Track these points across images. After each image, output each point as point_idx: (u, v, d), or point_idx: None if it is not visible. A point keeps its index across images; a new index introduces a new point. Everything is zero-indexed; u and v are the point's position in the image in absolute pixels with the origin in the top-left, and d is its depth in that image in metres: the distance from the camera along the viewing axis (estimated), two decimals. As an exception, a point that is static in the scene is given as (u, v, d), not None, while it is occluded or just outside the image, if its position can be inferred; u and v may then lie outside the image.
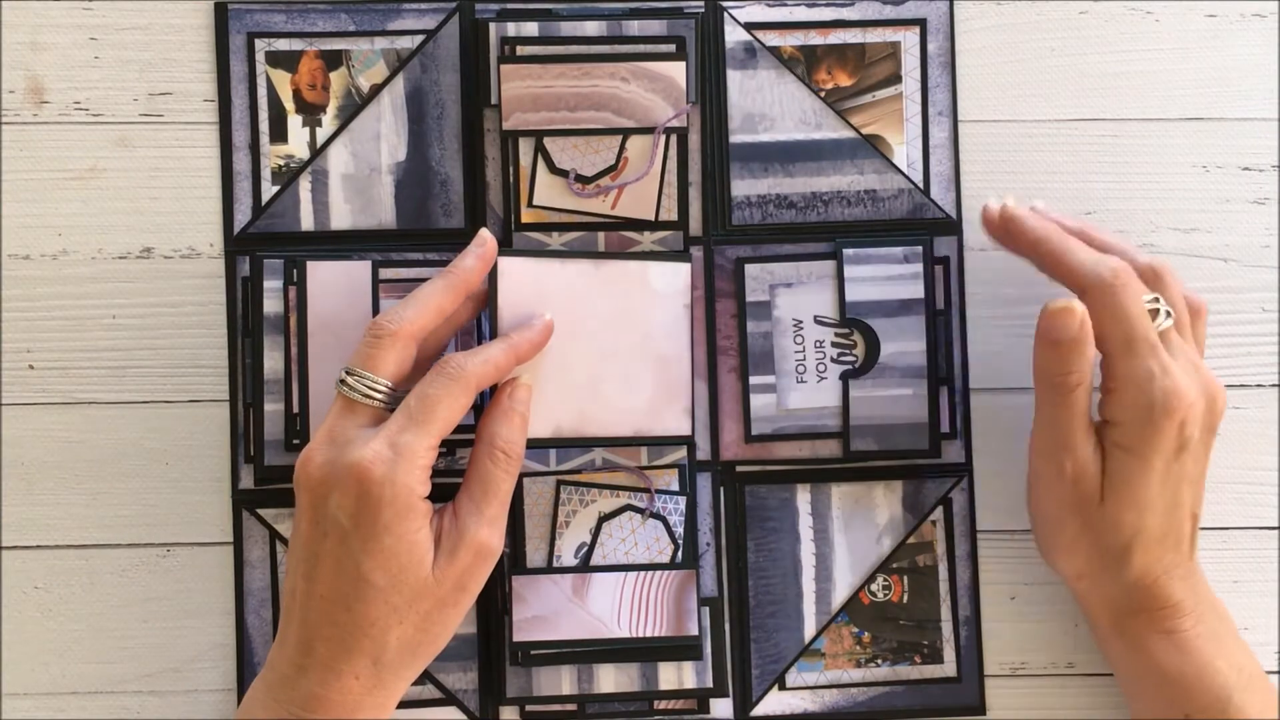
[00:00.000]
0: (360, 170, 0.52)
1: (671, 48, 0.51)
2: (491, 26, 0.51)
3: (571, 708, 0.52)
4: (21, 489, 0.52)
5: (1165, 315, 0.45)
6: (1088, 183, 0.54)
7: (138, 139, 0.52)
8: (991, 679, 0.53)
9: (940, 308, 0.52)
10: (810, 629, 0.53)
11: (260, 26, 0.52)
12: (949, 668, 0.53)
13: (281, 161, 0.52)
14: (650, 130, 0.51)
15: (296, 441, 0.51)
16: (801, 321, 0.52)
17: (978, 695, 0.53)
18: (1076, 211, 0.53)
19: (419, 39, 0.52)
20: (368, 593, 0.42)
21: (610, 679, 0.52)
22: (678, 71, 0.51)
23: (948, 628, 0.53)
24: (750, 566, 0.52)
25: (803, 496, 0.53)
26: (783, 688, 0.52)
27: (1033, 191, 0.53)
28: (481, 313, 0.52)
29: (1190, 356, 0.46)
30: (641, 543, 0.51)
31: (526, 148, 0.51)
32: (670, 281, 0.50)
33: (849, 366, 0.52)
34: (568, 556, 0.51)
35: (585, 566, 0.51)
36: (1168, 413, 0.44)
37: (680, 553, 0.51)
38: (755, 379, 0.52)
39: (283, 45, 0.52)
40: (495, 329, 0.47)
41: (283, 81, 0.52)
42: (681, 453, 0.52)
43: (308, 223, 0.52)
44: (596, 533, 0.51)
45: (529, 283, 0.48)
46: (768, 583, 0.53)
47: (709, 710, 0.52)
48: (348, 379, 0.44)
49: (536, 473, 0.51)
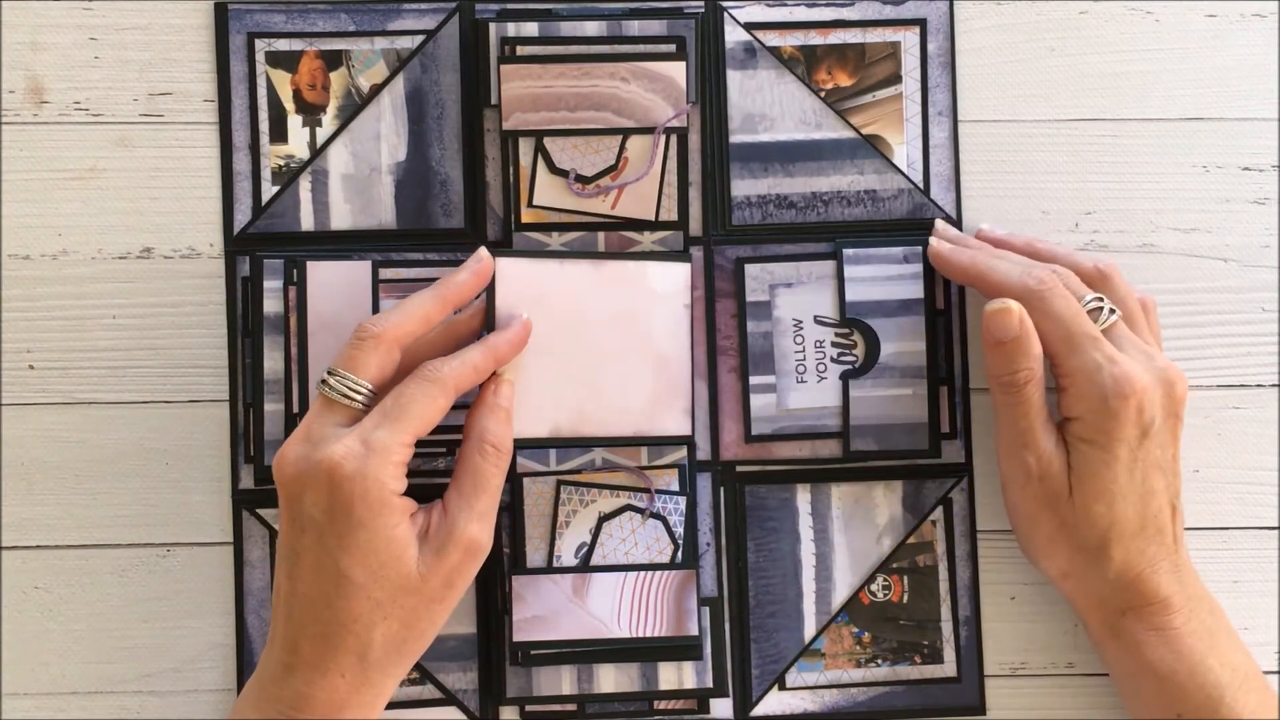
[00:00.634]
0: (360, 170, 0.52)
1: (671, 48, 0.51)
2: (491, 26, 0.51)
3: (571, 708, 0.52)
4: (21, 489, 0.52)
5: (1109, 313, 0.47)
6: (1088, 183, 0.54)
7: (138, 139, 0.52)
8: (991, 679, 0.53)
9: (940, 308, 0.53)
10: (810, 629, 0.53)
11: (260, 26, 0.52)
12: (949, 668, 0.53)
13: (281, 161, 0.52)
14: (650, 130, 0.51)
15: (296, 441, 0.51)
16: (801, 321, 0.52)
17: (978, 695, 0.53)
18: (1076, 211, 0.53)
19: (419, 39, 0.52)
20: (347, 589, 0.42)
21: (610, 679, 0.52)
22: (678, 71, 0.51)
23: (948, 628, 0.53)
24: (750, 566, 0.52)
25: (803, 496, 0.53)
26: (783, 688, 0.52)
27: (1033, 191, 0.53)
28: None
29: (1141, 347, 0.47)
30: (641, 543, 0.51)
31: (526, 148, 0.51)
32: (670, 281, 0.50)
33: (849, 366, 0.52)
34: (568, 556, 0.51)
35: (585, 566, 0.51)
36: (1121, 397, 0.45)
37: (680, 553, 0.51)
38: (755, 379, 0.52)
39: (283, 45, 0.52)
40: (492, 328, 0.47)
41: (283, 81, 0.52)
42: (681, 453, 0.52)
43: (308, 223, 0.52)
44: (596, 533, 0.51)
45: (527, 284, 0.48)
46: (768, 583, 0.53)
47: (709, 710, 0.52)
48: (329, 379, 0.44)
49: (536, 473, 0.51)
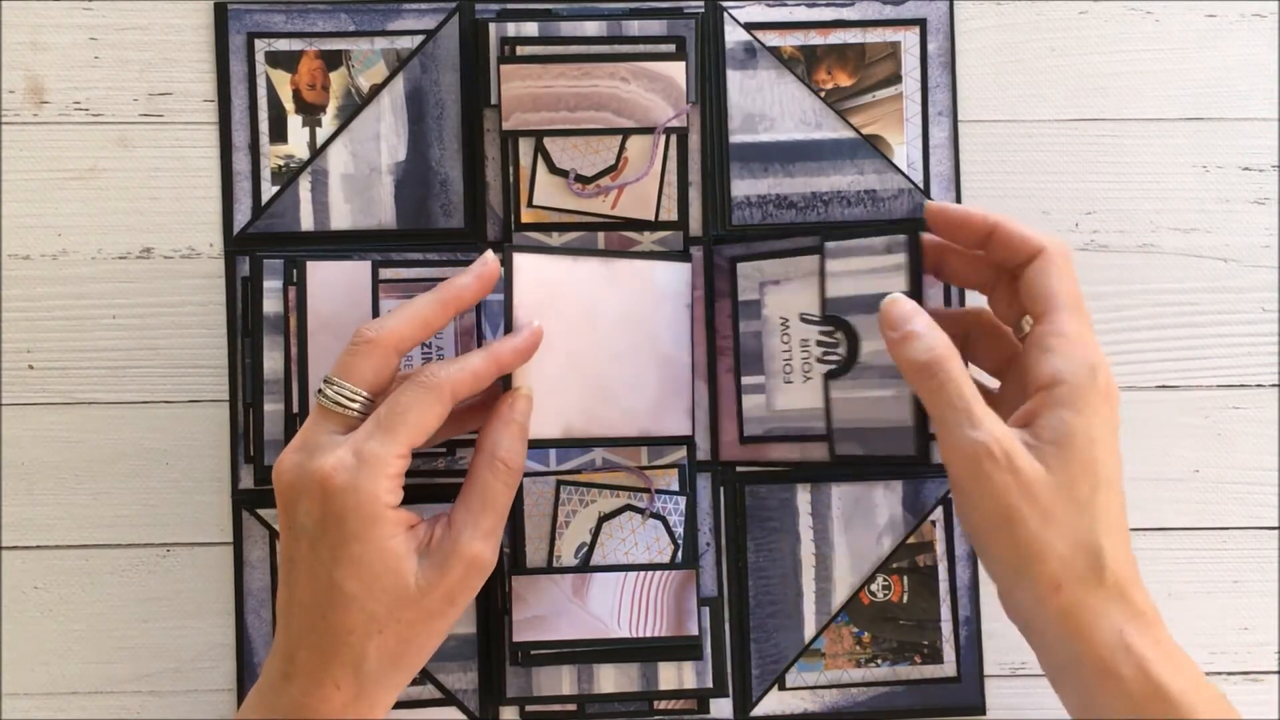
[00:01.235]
0: (360, 170, 0.52)
1: (671, 48, 0.51)
2: (491, 26, 0.51)
3: (571, 708, 0.52)
4: (21, 489, 0.52)
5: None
6: (1088, 183, 0.54)
7: (138, 139, 0.52)
8: (991, 679, 0.53)
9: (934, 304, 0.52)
10: (810, 629, 0.53)
11: (260, 26, 0.52)
12: (949, 668, 0.53)
13: (281, 161, 0.52)
14: (650, 130, 0.51)
15: (296, 441, 0.51)
16: (788, 320, 0.50)
17: (978, 695, 0.53)
18: (1076, 211, 0.53)
19: (419, 39, 0.52)
20: (341, 600, 0.41)
21: (610, 679, 0.52)
22: (678, 71, 0.51)
23: (948, 628, 0.53)
24: (750, 566, 0.52)
25: (803, 496, 0.53)
26: (783, 688, 0.52)
27: (1033, 191, 0.53)
28: (482, 314, 0.51)
29: None
30: (641, 543, 0.51)
31: (526, 148, 0.51)
32: (672, 281, 0.50)
33: (833, 366, 0.49)
34: (568, 556, 0.51)
35: (585, 566, 0.51)
36: (1105, 370, 0.42)
37: (680, 553, 0.51)
38: (747, 379, 0.52)
39: (283, 45, 0.52)
40: (510, 324, 0.46)
41: (283, 81, 0.52)
42: (681, 453, 0.52)
43: (308, 223, 0.52)
44: (596, 533, 0.51)
45: (543, 280, 0.47)
46: (768, 583, 0.52)
47: (709, 710, 0.52)
48: (324, 387, 0.43)
49: (536, 473, 0.51)
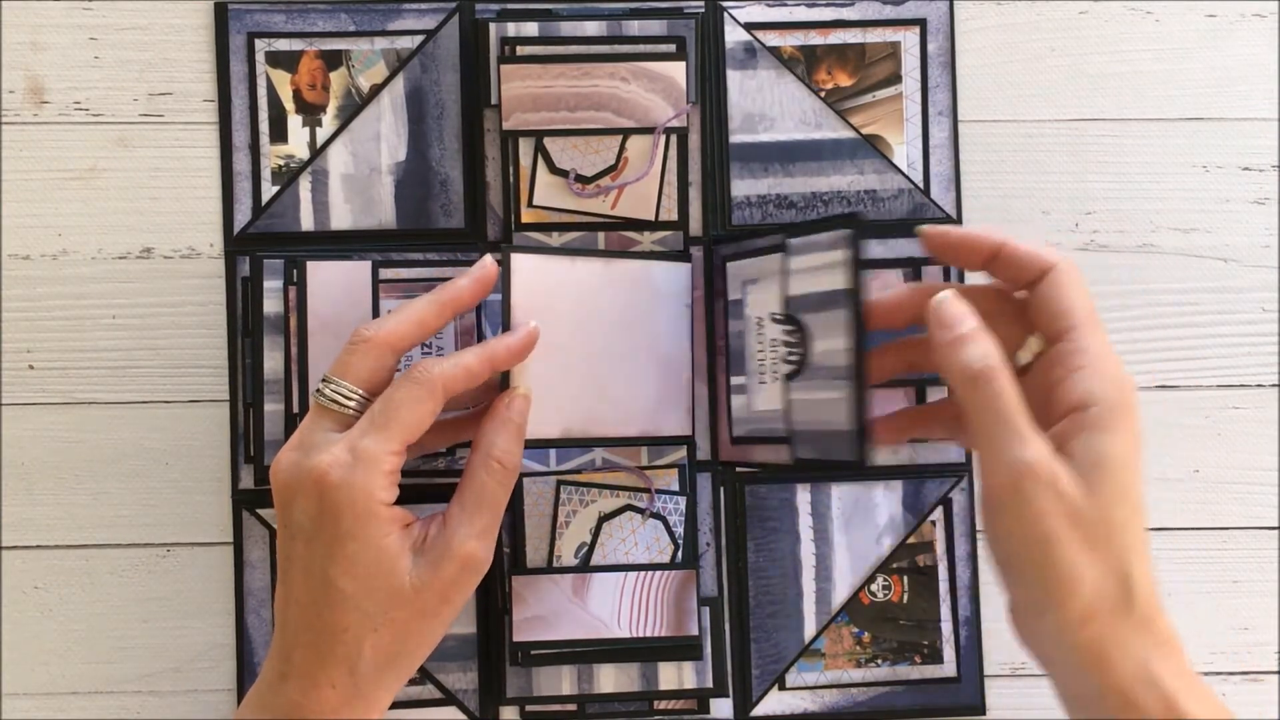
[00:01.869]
0: (360, 170, 0.52)
1: (671, 48, 0.51)
2: (491, 26, 0.51)
3: (571, 708, 0.52)
4: (21, 489, 0.52)
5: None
6: (1088, 183, 0.54)
7: (138, 139, 0.52)
8: (991, 679, 0.53)
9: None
10: (810, 629, 0.53)
11: (260, 26, 0.52)
12: (949, 668, 0.53)
13: (281, 161, 0.52)
14: (650, 130, 0.51)
15: (296, 441, 0.51)
16: (762, 320, 0.50)
17: (978, 695, 0.53)
18: (1076, 211, 0.53)
19: (419, 39, 0.52)
20: (336, 599, 0.41)
21: (610, 679, 0.52)
22: (678, 71, 0.51)
23: (948, 628, 0.53)
24: (750, 566, 0.52)
25: (802, 496, 0.53)
26: (783, 688, 0.52)
27: (1033, 191, 0.53)
28: (482, 315, 0.51)
29: None
30: (641, 543, 0.51)
31: (526, 148, 0.51)
32: (673, 281, 0.50)
33: (792, 367, 0.47)
34: (568, 556, 0.51)
35: (585, 566, 0.51)
36: (1131, 383, 0.41)
37: (680, 553, 0.51)
38: (734, 379, 0.51)
39: (283, 45, 0.52)
40: (507, 325, 0.46)
41: (283, 81, 0.52)
42: (681, 453, 0.52)
43: (308, 223, 0.52)
44: (596, 533, 0.51)
45: (542, 280, 0.47)
46: (768, 583, 0.52)
47: (709, 710, 0.52)
48: (322, 386, 0.43)
49: (536, 473, 0.51)
